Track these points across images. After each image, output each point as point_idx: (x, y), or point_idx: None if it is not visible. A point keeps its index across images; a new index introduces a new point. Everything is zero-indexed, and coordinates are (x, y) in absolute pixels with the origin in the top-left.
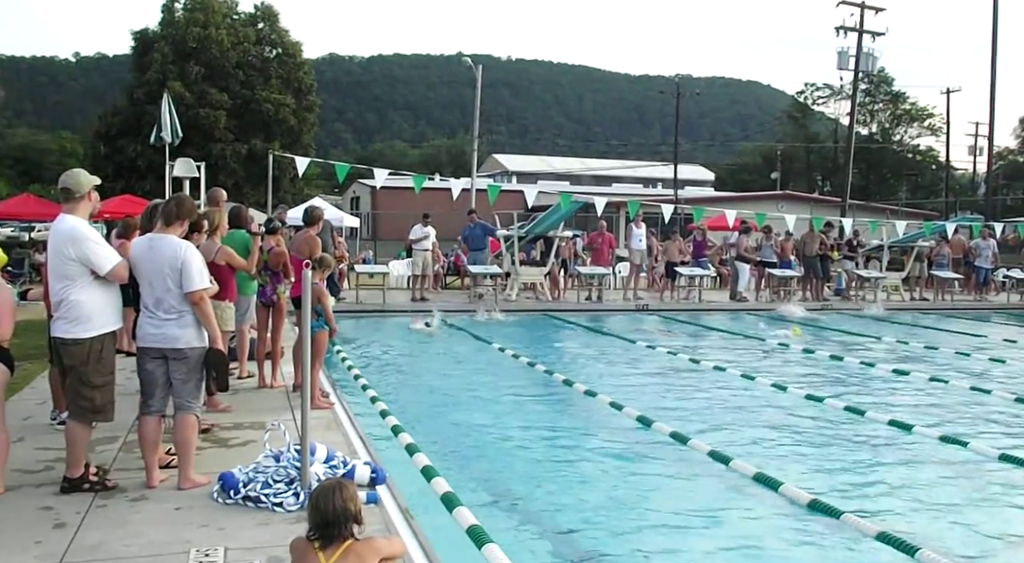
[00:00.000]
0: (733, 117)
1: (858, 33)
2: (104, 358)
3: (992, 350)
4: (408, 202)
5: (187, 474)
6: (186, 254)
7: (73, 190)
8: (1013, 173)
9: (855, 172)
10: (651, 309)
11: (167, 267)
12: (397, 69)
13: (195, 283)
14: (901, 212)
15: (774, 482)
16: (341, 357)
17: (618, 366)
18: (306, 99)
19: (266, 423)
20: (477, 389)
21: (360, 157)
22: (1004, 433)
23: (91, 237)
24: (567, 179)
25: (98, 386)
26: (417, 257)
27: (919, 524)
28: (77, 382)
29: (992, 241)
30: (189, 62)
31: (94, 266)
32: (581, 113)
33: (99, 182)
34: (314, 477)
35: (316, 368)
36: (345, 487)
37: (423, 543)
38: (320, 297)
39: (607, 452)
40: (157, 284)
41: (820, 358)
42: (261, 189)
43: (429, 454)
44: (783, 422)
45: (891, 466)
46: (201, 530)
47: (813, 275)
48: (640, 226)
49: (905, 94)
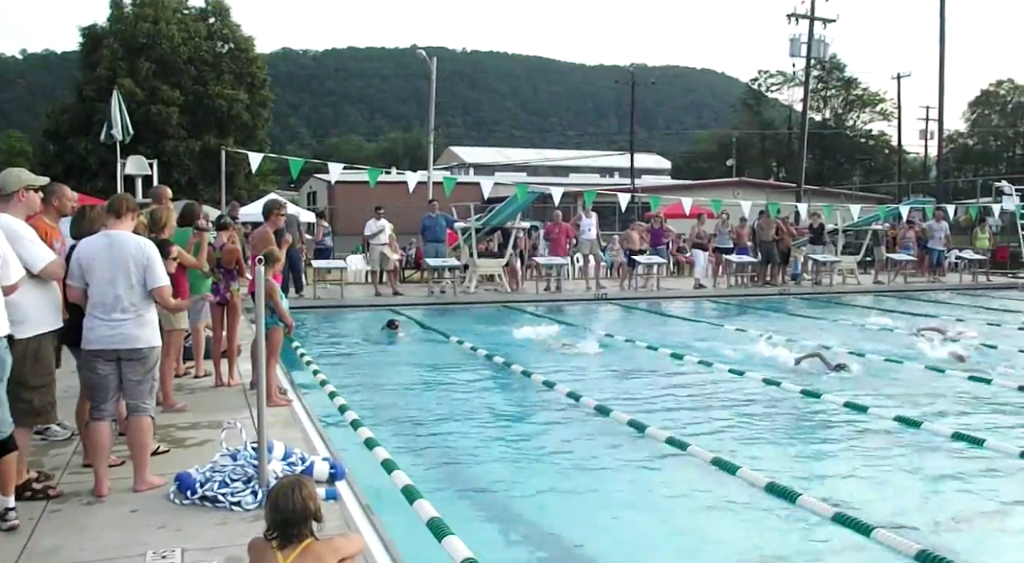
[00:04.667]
0: (688, 105)
1: (809, 20)
2: (41, 359)
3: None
4: (365, 196)
5: (143, 476)
6: (151, 250)
7: (2, 188)
8: (963, 156)
9: (809, 158)
10: (610, 298)
11: (132, 264)
12: (351, 62)
13: (161, 279)
14: (855, 196)
15: (731, 466)
16: (299, 353)
17: (576, 356)
18: (260, 94)
19: (223, 422)
20: (436, 382)
21: (316, 152)
22: (958, 412)
23: (25, 235)
24: (524, 170)
25: (36, 388)
26: (374, 251)
27: (875, 504)
28: (15, 384)
29: (944, 223)
30: (139, 58)
31: (27, 264)
32: (537, 104)
33: (39, 182)
34: (272, 475)
35: (272, 365)
36: (303, 484)
37: (384, 538)
38: (271, 293)
39: (566, 441)
40: (119, 281)
41: (776, 342)
42: (215, 186)
43: (389, 448)
44: (740, 407)
45: (847, 448)
46: (158, 532)
47: (770, 261)
48: (590, 216)
49: (857, 80)
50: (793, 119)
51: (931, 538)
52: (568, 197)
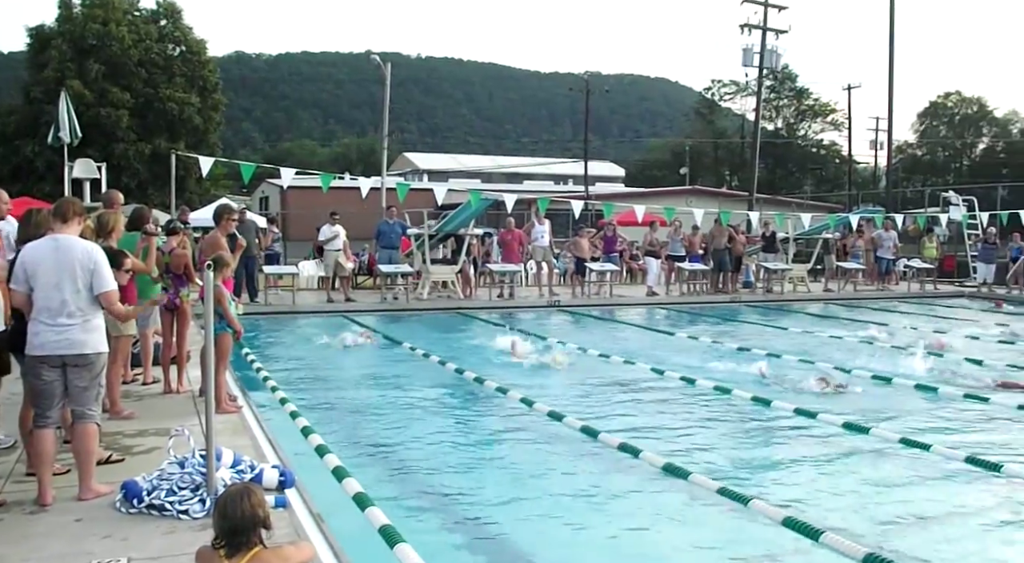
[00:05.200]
0: (642, 114)
1: (762, 31)
2: None
3: (895, 338)
4: (318, 202)
5: (88, 484)
6: (98, 255)
7: None
8: (912, 166)
9: (762, 167)
10: (563, 305)
11: (79, 268)
12: (305, 67)
13: (108, 284)
14: (807, 205)
15: (683, 472)
16: (250, 360)
17: (528, 363)
18: (211, 98)
19: (171, 429)
20: (389, 389)
21: (269, 156)
22: (905, 418)
23: None
24: (479, 177)
25: None
26: (328, 257)
27: (825, 508)
28: None
29: (893, 232)
30: (88, 60)
31: None
32: (492, 111)
33: None
34: (220, 483)
35: (221, 372)
36: (252, 492)
37: (334, 545)
38: (219, 299)
39: (518, 448)
40: (66, 286)
41: (728, 350)
42: (166, 190)
43: (340, 455)
44: (692, 413)
45: (797, 453)
46: (104, 541)
47: (722, 268)
48: (543, 223)
49: (808, 90)
50: (746, 128)
51: (878, 541)
52: (522, 204)
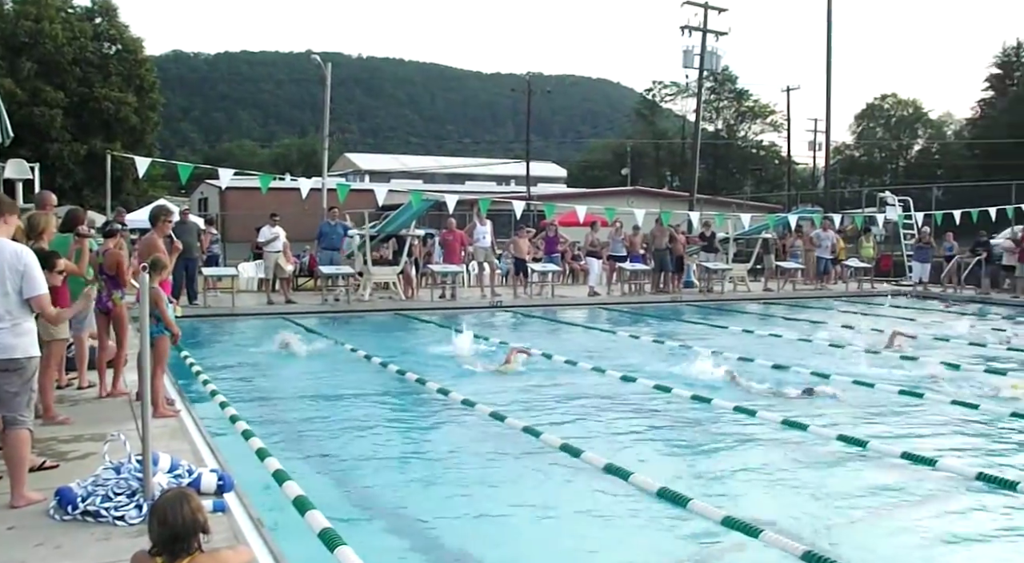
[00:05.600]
0: (584, 114)
1: (702, 33)
2: None
3: (832, 336)
4: (257, 203)
5: (20, 491)
6: (28, 257)
7: None
8: (850, 167)
9: (702, 167)
10: (505, 306)
11: (8, 270)
12: (245, 67)
13: (39, 287)
14: (746, 206)
15: (624, 472)
16: (188, 363)
17: (471, 363)
18: (149, 97)
19: (107, 434)
20: (330, 391)
21: (208, 157)
22: (841, 414)
23: None
24: (421, 177)
25: None
26: (268, 259)
27: (764, 507)
28: None
29: (831, 232)
30: (20, 58)
31: None
32: (434, 111)
33: None
34: (157, 488)
35: (159, 375)
36: (189, 497)
37: (274, 550)
38: (156, 301)
39: (459, 448)
40: None
41: (668, 347)
42: (102, 191)
43: (281, 458)
44: (632, 413)
45: (737, 452)
46: (36, 549)
47: (664, 268)
48: (485, 223)
49: (748, 92)
50: (686, 129)
51: (816, 538)
52: (463, 204)
